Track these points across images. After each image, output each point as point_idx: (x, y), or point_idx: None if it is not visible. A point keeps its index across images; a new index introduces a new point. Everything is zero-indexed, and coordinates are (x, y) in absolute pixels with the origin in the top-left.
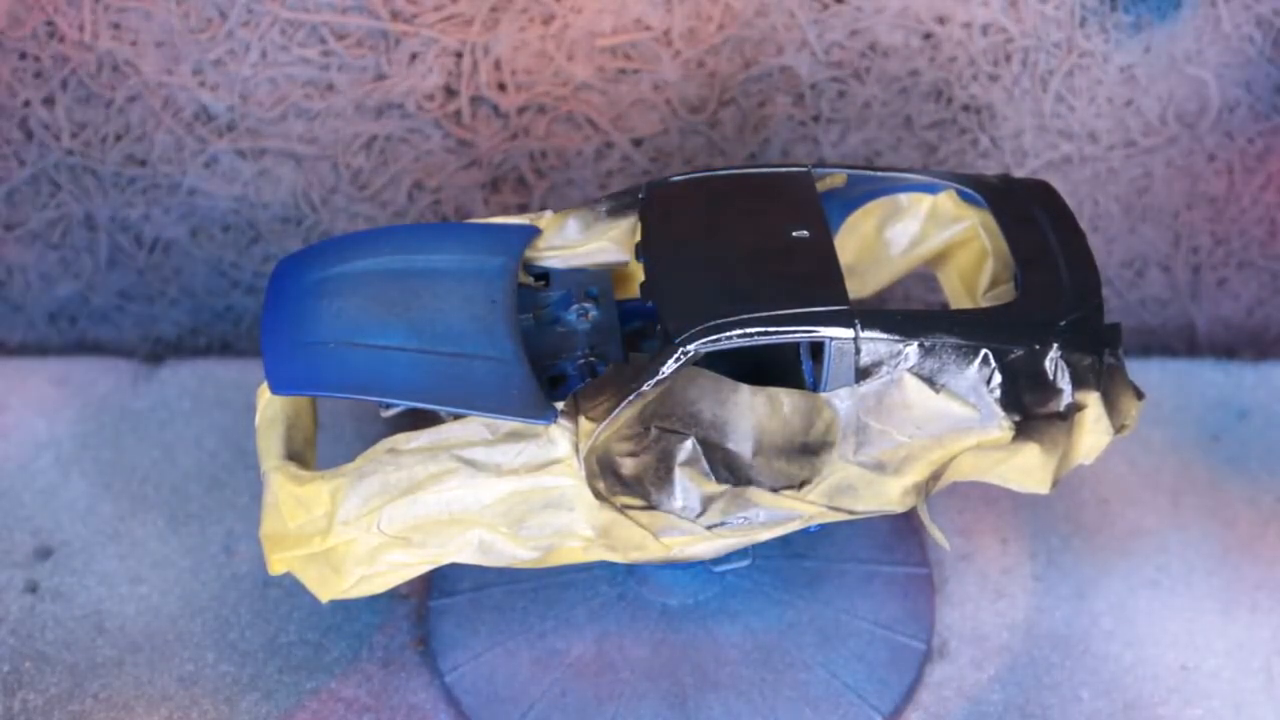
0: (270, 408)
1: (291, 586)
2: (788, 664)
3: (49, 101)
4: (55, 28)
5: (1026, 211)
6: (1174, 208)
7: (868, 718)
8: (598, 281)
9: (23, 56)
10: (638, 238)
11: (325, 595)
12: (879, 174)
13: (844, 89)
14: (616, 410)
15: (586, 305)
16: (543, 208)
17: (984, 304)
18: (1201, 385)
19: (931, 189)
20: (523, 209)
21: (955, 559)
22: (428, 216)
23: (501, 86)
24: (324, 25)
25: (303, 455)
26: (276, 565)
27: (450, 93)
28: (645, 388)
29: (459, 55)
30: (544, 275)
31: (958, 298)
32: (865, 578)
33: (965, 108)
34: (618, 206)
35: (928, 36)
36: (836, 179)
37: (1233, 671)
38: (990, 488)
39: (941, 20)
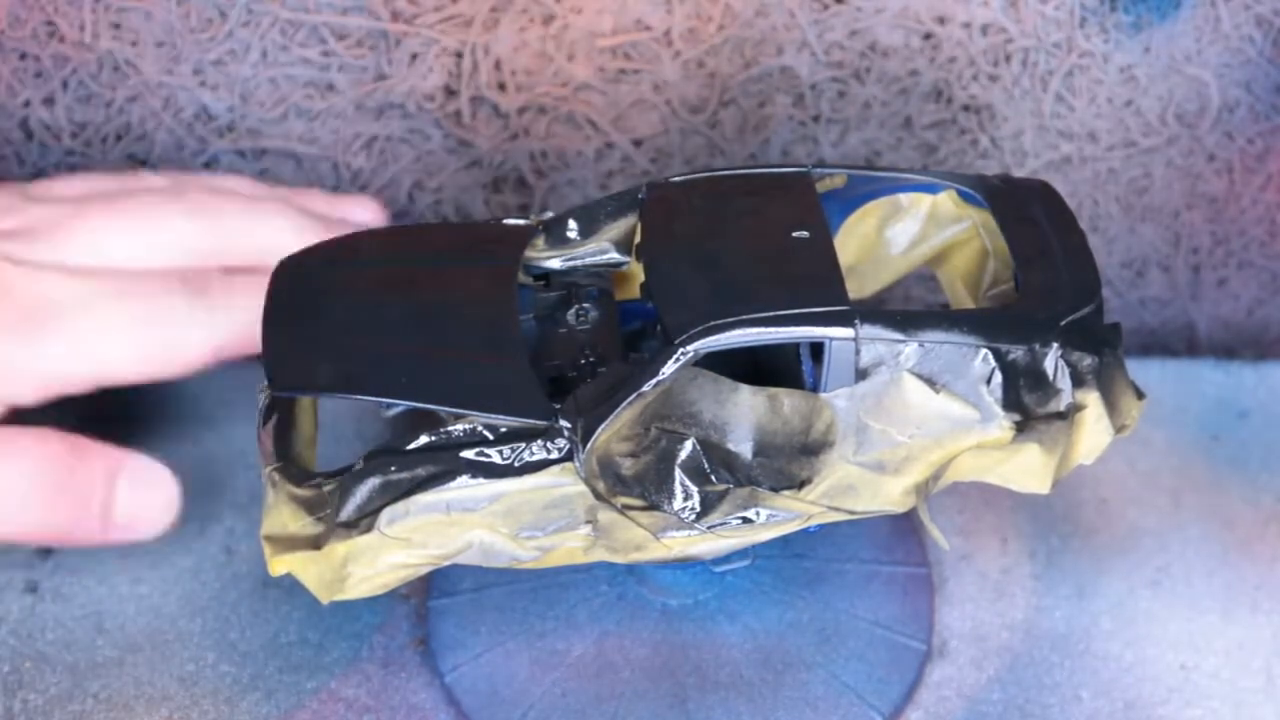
0: (270, 408)
1: (291, 586)
2: (788, 664)
3: (49, 101)
4: (55, 28)
5: (1026, 211)
6: (1174, 208)
7: (868, 718)
8: (598, 281)
9: (23, 56)
10: (638, 238)
11: (325, 596)
12: (879, 174)
13: (844, 89)
14: (616, 410)
15: (586, 305)
16: (543, 208)
17: (984, 304)
18: (1201, 385)
19: (931, 189)
20: (523, 209)
21: (955, 559)
22: (428, 216)
23: (502, 87)
24: (324, 25)
25: (303, 455)
26: (277, 566)
27: (450, 93)
28: (645, 388)
29: (459, 55)
30: (544, 275)
31: (958, 298)
32: (865, 578)
33: (965, 108)
34: (618, 206)
35: (928, 36)
36: (836, 179)
37: (1233, 671)
38: (990, 488)
39: (941, 20)
